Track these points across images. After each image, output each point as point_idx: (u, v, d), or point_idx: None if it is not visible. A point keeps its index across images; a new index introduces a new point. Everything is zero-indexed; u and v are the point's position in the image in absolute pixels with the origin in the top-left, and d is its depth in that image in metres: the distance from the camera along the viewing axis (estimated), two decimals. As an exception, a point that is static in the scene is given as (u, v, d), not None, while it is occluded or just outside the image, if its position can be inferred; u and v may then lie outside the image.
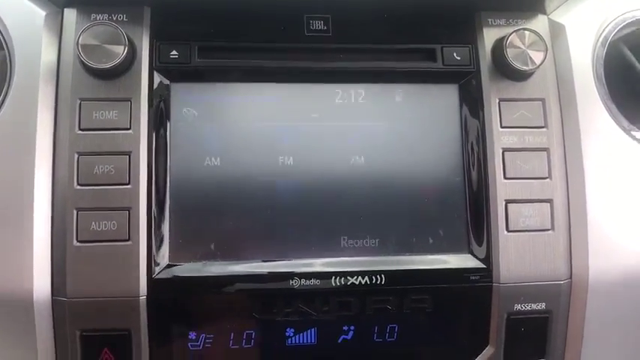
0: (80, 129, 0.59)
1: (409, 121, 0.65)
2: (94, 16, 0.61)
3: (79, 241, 0.57)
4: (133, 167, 0.58)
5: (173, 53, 0.62)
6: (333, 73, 0.64)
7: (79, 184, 0.58)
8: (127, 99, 0.60)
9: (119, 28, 0.58)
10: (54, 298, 0.57)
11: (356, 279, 0.61)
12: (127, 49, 0.58)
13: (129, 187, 0.58)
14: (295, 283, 0.60)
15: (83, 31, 0.58)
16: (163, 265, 0.59)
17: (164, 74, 0.62)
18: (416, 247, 0.63)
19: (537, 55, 0.63)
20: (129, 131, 0.59)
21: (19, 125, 0.58)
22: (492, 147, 0.64)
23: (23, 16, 0.61)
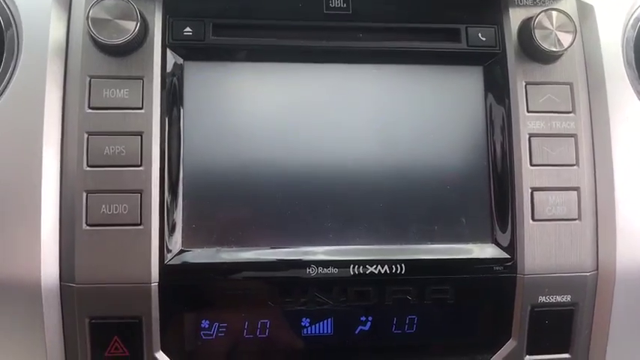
0: (90, 107, 0.57)
1: (431, 104, 0.63)
2: None
3: (89, 224, 0.55)
4: (145, 148, 0.57)
5: (187, 30, 0.59)
6: (353, 52, 0.62)
7: (88, 166, 0.56)
8: (139, 77, 0.58)
9: (131, 3, 0.56)
10: (62, 284, 0.56)
11: (375, 268, 0.59)
12: (139, 25, 0.56)
13: (141, 168, 0.56)
14: (312, 271, 0.58)
15: (93, 5, 0.56)
16: (176, 250, 0.57)
17: (177, 52, 0.60)
18: (437, 235, 0.61)
19: (566, 36, 0.61)
20: (141, 111, 0.57)
21: (26, 104, 0.56)
22: (518, 132, 0.61)
23: (32, -11, 0.59)
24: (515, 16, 0.64)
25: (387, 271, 0.59)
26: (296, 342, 0.60)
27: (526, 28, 0.62)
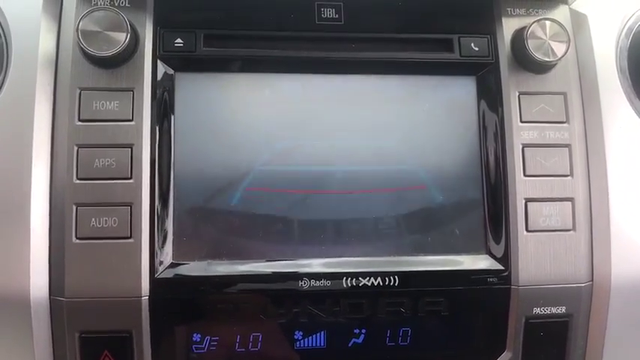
0: (80, 120, 0.56)
1: (424, 115, 0.62)
2: (95, 0, 0.58)
3: (78, 237, 0.55)
4: (135, 161, 0.56)
5: (178, 41, 0.59)
6: (345, 63, 0.62)
7: (78, 178, 0.56)
8: (129, 89, 0.57)
9: (121, 14, 0.56)
10: (52, 297, 0.55)
11: (368, 280, 0.58)
12: (129, 36, 0.56)
13: (131, 181, 0.56)
14: (305, 283, 0.58)
15: (83, 17, 0.55)
16: (167, 263, 0.57)
17: (168, 63, 0.59)
18: (431, 247, 0.60)
19: (559, 46, 0.61)
20: (131, 123, 0.57)
21: (16, 116, 0.56)
22: (512, 142, 0.61)
23: (21, 0, 0.58)
24: (509, 26, 0.64)
25: (381, 283, 0.58)
26: (289, 355, 0.59)
27: (519, 37, 0.62)
